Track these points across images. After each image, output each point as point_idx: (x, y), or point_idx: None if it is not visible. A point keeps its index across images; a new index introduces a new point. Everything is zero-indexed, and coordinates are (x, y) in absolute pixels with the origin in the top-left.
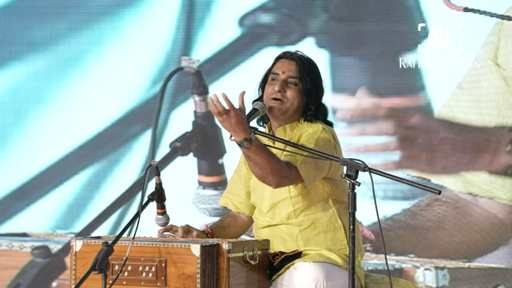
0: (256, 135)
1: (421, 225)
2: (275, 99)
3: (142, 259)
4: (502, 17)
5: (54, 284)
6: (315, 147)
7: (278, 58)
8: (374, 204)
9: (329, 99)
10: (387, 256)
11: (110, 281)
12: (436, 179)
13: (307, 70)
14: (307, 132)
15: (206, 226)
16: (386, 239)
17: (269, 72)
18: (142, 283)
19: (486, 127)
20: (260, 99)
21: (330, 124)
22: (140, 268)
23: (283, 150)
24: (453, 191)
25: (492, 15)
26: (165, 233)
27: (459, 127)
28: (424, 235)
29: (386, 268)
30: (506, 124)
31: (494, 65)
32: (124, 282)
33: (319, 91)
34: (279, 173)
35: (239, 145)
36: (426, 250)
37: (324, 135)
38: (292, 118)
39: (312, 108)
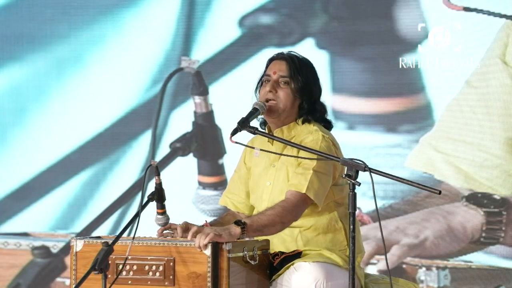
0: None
1: (419, 215)
2: (267, 100)
3: (148, 258)
4: (503, 16)
5: (67, 282)
6: (317, 158)
7: (270, 60)
8: (375, 204)
9: (329, 99)
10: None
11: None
12: (439, 175)
13: (298, 68)
14: (307, 140)
15: (206, 221)
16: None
17: (263, 75)
18: (149, 282)
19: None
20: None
21: (328, 122)
22: (147, 267)
23: (281, 154)
24: (454, 187)
25: (492, 14)
26: (164, 232)
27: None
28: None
29: (385, 268)
30: None
31: (502, 63)
32: (129, 282)
33: (314, 89)
34: (287, 214)
35: (242, 237)
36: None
37: (324, 144)
38: (289, 118)
39: (305, 107)
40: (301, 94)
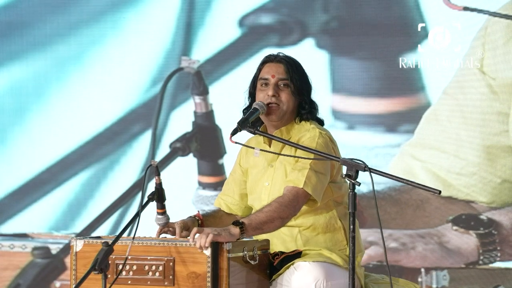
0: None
1: (403, 200)
2: (270, 103)
3: (148, 258)
4: (501, 15)
5: (58, 284)
6: (316, 158)
7: (263, 63)
8: (375, 204)
9: (329, 99)
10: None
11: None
12: (418, 182)
13: (295, 69)
14: (305, 138)
15: (199, 212)
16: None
17: (256, 78)
18: (149, 282)
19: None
20: (249, 107)
21: (321, 121)
22: (146, 267)
23: (280, 154)
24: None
25: (492, 14)
26: (164, 234)
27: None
28: (404, 210)
29: (385, 268)
30: (491, 132)
31: (479, 73)
32: (129, 282)
33: (309, 88)
34: (284, 208)
35: (242, 237)
36: (404, 225)
37: (321, 140)
38: (288, 119)
39: (306, 107)
40: (300, 94)
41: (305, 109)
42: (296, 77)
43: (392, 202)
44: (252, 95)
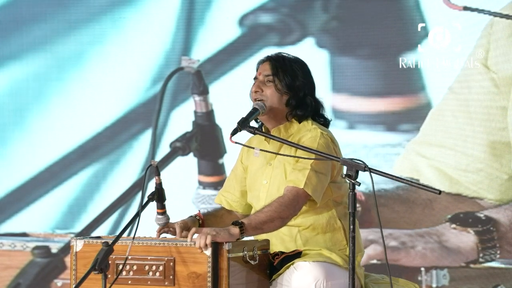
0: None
1: (412, 199)
2: (256, 99)
3: (149, 258)
4: (501, 15)
5: (60, 283)
6: (316, 158)
7: (258, 64)
8: (375, 204)
9: (329, 99)
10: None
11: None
12: (424, 179)
13: (281, 66)
14: (306, 137)
15: (199, 211)
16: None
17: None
18: (149, 282)
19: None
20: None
21: (324, 118)
22: (147, 267)
23: (280, 154)
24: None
25: (491, 13)
26: (164, 234)
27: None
28: (413, 209)
29: (385, 267)
30: (495, 127)
31: (483, 68)
32: (129, 282)
33: (301, 84)
34: (285, 208)
35: (242, 236)
36: (412, 223)
37: (322, 141)
38: (280, 115)
39: (293, 103)
40: (287, 90)
41: (292, 105)
42: (281, 74)
43: (400, 201)
44: None
